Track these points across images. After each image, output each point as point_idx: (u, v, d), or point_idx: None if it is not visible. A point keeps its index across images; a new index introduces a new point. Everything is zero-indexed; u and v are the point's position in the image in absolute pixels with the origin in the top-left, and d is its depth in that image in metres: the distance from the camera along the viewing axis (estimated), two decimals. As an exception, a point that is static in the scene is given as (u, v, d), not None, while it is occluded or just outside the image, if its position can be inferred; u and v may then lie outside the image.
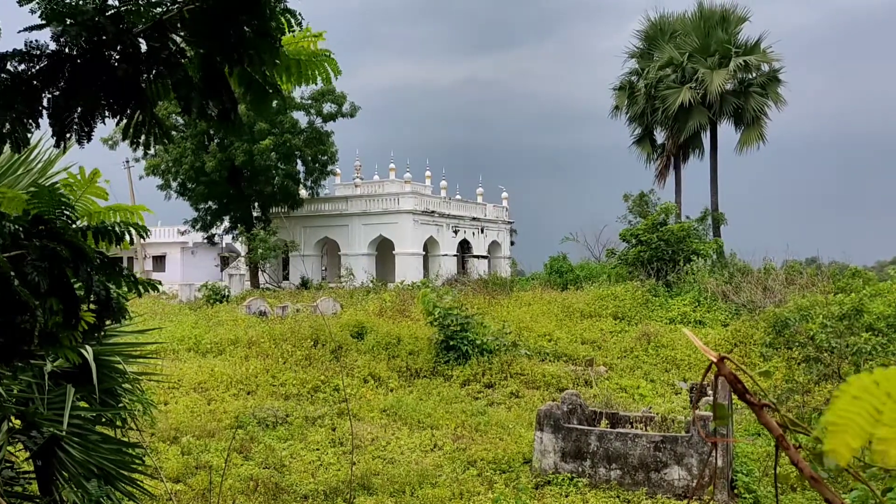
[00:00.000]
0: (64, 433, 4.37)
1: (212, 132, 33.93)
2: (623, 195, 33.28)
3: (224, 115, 3.65)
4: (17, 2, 2.89)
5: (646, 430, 10.46)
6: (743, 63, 32.48)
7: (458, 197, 45.66)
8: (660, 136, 36.96)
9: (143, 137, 3.28)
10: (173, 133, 35.68)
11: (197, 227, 38.90)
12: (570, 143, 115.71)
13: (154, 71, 3.21)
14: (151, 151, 36.10)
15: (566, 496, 9.33)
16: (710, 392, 10.38)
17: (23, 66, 2.88)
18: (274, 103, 3.58)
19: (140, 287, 3.40)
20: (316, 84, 3.98)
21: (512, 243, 53.40)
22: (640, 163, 38.11)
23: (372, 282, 33.01)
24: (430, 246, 41.30)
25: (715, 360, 1.55)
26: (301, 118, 37.63)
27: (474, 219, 44.54)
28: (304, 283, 36.12)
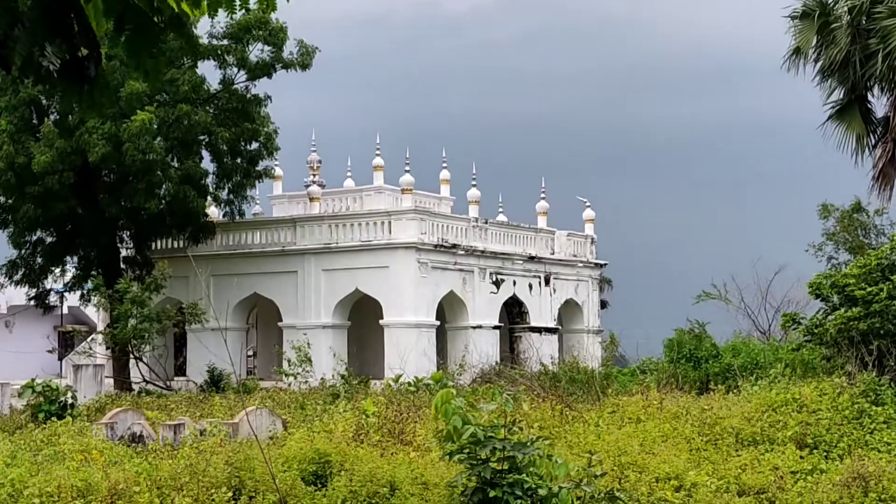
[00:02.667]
0: None
1: (47, 102, 34.31)
2: (821, 206, 32.66)
3: (74, 70, 3.55)
4: None
5: None
6: None
7: (500, 218, 46.15)
8: (880, 104, 36.74)
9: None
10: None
11: (17, 277, 39.49)
12: (704, 117, 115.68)
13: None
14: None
15: None
16: None
17: None
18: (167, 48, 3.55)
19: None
20: (248, 7, 3.89)
21: (603, 305, 53.24)
22: (843, 154, 37.77)
23: (343, 377, 32.97)
24: (449, 310, 41.67)
25: None
26: (209, 73, 38.50)
27: (532, 258, 44.85)
28: (216, 381, 36.10)
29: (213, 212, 41.34)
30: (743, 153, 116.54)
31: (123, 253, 40.08)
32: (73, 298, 43.08)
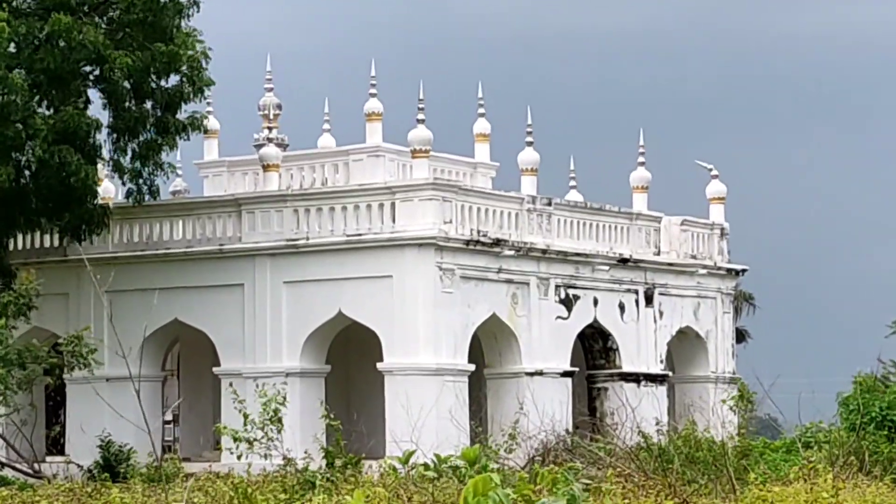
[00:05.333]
0: None
1: None
2: None
3: None
4: None
5: None
6: None
7: (572, 197, 46.30)
8: None
9: None
10: None
11: None
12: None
13: None
14: None
15: None
16: None
17: None
18: None
19: None
20: None
21: (741, 337, 52.74)
22: None
23: (328, 454, 32.90)
24: (490, 346, 41.75)
25: None
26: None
27: (625, 262, 44.95)
28: (113, 464, 36.09)
29: (109, 189, 41.35)
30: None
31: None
32: None
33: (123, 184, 40.84)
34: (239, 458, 31.44)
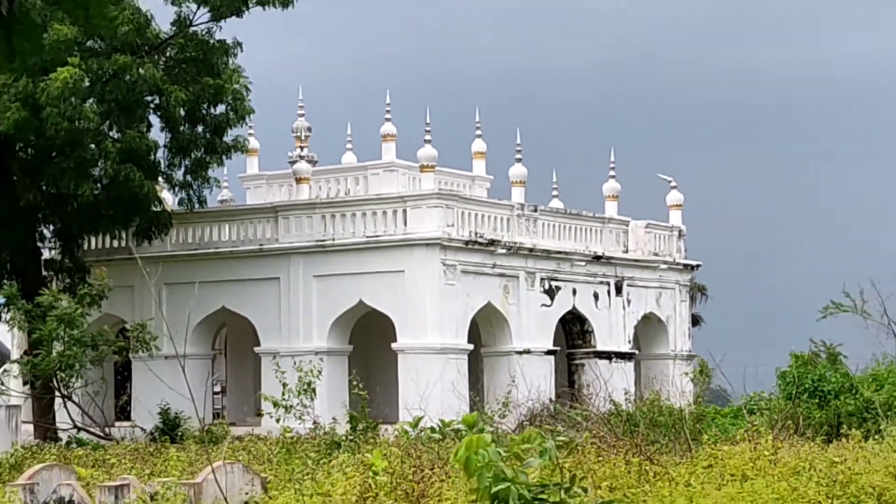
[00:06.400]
0: None
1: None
2: None
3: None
4: None
5: None
6: None
7: (555, 205, 46.14)
8: None
9: None
10: None
11: None
12: (833, 63, 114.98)
13: None
14: None
15: None
16: None
17: None
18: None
19: None
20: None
21: (695, 321, 52.69)
22: None
23: (351, 419, 32.97)
24: (486, 329, 41.78)
25: None
26: (158, 11, 38.31)
27: (599, 258, 44.89)
28: (171, 427, 36.13)
29: (167, 198, 41.42)
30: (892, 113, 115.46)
31: (46, 254, 40.27)
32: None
33: (175, 194, 41.08)
34: (277, 421, 31.65)
